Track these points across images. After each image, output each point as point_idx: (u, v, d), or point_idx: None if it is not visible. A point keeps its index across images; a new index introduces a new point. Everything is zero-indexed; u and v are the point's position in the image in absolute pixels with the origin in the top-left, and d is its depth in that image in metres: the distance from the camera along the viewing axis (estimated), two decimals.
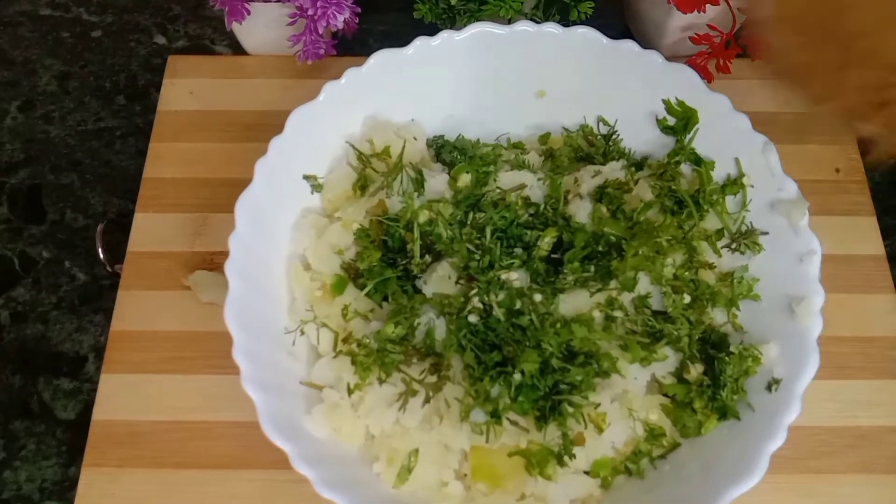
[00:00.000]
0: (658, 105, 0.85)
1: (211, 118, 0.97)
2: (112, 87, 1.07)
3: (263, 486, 0.77)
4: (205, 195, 0.92)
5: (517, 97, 0.88)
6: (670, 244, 0.79)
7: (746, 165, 0.82)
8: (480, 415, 0.72)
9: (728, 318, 0.79)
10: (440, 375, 0.74)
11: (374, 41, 1.09)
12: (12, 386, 0.88)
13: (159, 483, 0.78)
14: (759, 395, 0.72)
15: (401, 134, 0.86)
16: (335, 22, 0.89)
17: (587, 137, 0.88)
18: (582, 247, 0.78)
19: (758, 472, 0.66)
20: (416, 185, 0.81)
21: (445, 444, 0.72)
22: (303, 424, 0.72)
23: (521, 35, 0.84)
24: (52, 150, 1.02)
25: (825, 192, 0.92)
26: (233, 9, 0.92)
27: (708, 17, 0.91)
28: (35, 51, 1.09)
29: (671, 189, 0.82)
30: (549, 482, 0.73)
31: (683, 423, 0.74)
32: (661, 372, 0.75)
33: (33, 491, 0.82)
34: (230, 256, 0.73)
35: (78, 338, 0.90)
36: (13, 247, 0.96)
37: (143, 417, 0.80)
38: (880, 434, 0.80)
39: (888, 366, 0.84)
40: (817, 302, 0.73)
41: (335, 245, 0.80)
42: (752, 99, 0.91)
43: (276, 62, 1.01)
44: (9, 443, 0.85)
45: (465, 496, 0.72)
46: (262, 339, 0.74)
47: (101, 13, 1.13)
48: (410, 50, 0.83)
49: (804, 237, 0.76)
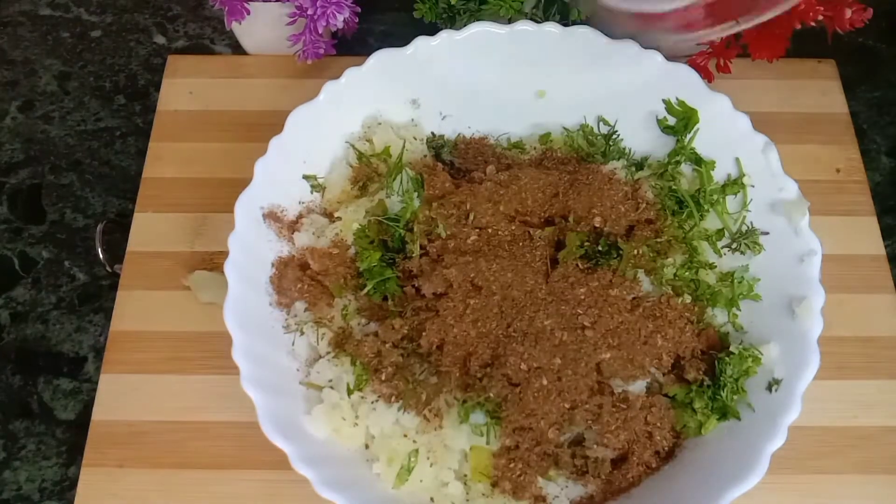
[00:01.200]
0: (658, 105, 0.85)
1: (210, 118, 0.97)
2: (112, 86, 1.07)
3: (263, 486, 0.77)
4: (204, 195, 0.92)
5: (517, 97, 0.88)
6: (670, 244, 0.80)
7: (747, 165, 0.82)
8: (480, 416, 0.72)
9: (728, 318, 0.79)
10: (440, 376, 0.74)
11: (373, 41, 1.09)
12: (12, 386, 0.88)
13: (159, 483, 0.77)
14: (760, 395, 0.72)
15: (401, 134, 0.86)
16: (335, 21, 0.89)
17: (587, 137, 0.88)
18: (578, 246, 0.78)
19: (758, 473, 0.66)
20: (416, 185, 0.81)
21: (445, 444, 0.72)
22: (302, 425, 0.72)
23: (521, 35, 0.84)
24: (52, 150, 1.02)
25: (825, 192, 0.92)
26: (232, 8, 0.92)
27: None
28: (35, 51, 1.09)
29: (671, 189, 0.83)
30: (550, 482, 0.73)
31: (684, 423, 0.74)
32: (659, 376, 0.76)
33: (33, 491, 0.82)
34: (230, 256, 0.73)
35: (78, 338, 0.90)
36: (13, 247, 0.96)
37: (143, 417, 0.80)
38: (880, 434, 0.80)
39: (888, 366, 0.84)
40: (817, 302, 0.73)
41: (335, 245, 0.80)
42: (752, 99, 0.91)
43: (275, 62, 1.01)
44: (9, 443, 0.85)
45: (465, 496, 0.72)
46: (262, 339, 0.74)
47: (101, 13, 1.13)
48: (410, 50, 0.83)
49: (804, 237, 0.76)
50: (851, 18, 0.82)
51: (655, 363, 0.75)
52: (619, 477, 0.72)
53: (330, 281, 0.79)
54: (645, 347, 0.74)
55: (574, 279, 0.77)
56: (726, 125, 0.82)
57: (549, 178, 0.82)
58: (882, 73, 1.08)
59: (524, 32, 0.84)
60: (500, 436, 0.72)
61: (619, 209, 0.80)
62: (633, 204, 0.81)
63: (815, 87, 1.00)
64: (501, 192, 0.80)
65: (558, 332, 0.74)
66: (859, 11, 0.82)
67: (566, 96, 0.88)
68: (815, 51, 1.01)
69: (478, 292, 0.75)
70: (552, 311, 0.75)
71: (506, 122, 0.89)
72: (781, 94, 0.99)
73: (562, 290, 0.76)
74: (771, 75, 0.99)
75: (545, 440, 0.72)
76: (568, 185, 0.82)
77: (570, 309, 0.75)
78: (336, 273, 0.79)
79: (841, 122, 0.98)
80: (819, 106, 0.99)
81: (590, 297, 0.76)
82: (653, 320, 0.75)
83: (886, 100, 1.06)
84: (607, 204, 0.80)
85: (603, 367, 0.74)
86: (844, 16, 0.82)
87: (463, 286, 0.75)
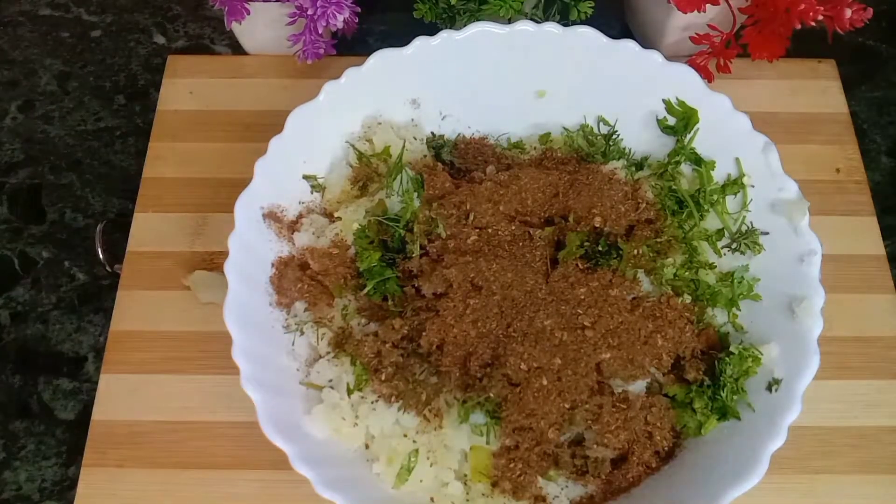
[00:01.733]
0: (658, 105, 0.85)
1: (210, 118, 0.97)
2: (112, 86, 1.07)
3: (263, 486, 0.77)
4: (204, 195, 0.92)
5: (517, 97, 0.88)
6: (670, 244, 0.80)
7: (747, 165, 0.82)
8: (480, 416, 0.72)
9: (729, 318, 0.79)
10: (440, 376, 0.74)
11: (373, 41, 1.09)
12: (12, 386, 0.88)
13: (159, 483, 0.77)
14: (760, 395, 0.72)
15: (401, 134, 0.86)
16: (335, 21, 0.89)
17: (587, 137, 0.88)
18: (578, 246, 0.78)
19: (758, 472, 0.66)
20: (416, 185, 0.81)
21: (445, 444, 0.72)
22: (302, 425, 0.72)
23: (521, 35, 0.84)
24: (52, 150, 1.02)
25: (825, 192, 0.92)
26: (232, 8, 0.92)
27: (708, 17, 0.91)
28: (35, 51, 1.09)
29: (671, 189, 0.82)
30: (550, 482, 0.73)
31: (684, 423, 0.74)
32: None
33: (33, 491, 0.82)
34: (230, 256, 0.73)
35: (78, 338, 0.90)
36: (13, 247, 0.96)
37: (143, 417, 0.80)
38: (880, 434, 0.80)
39: (888, 366, 0.84)
40: (818, 302, 0.73)
41: (335, 245, 0.80)
42: (752, 99, 0.91)
43: (275, 62, 1.01)
44: (9, 443, 0.85)
45: (465, 496, 0.72)
46: (262, 339, 0.74)
47: (101, 13, 1.13)
48: (410, 50, 0.83)
49: (804, 237, 0.76)
50: (851, 18, 0.82)
51: (655, 363, 0.75)
52: (619, 477, 0.72)
53: (330, 281, 0.79)
54: (645, 347, 0.74)
55: (574, 279, 0.77)
56: (726, 125, 0.82)
57: (549, 178, 0.82)
58: (882, 73, 1.08)
59: (524, 32, 0.84)
60: (500, 436, 0.72)
61: (619, 209, 0.80)
62: (633, 204, 0.81)
63: (815, 87, 1.00)
64: (501, 192, 0.80)
65: (558, 332, 0.74)
66: (859, 11, 0.82)
67: (566, 96, 0.88)
68: (815, 51, 1.01)
69: (478, 292, 0.75)
70: (552, 311, 0.75)
71: (506, 122, 0.89)
72: (781, 94, 0.99)
73: (562, 290, 0.76)
74: (771, 75, 0.99)
75: (545, 440, 0.72)
76: (568, 185, 0.82)
77: (570, 309, 0.75)
78: (336, 273, 0.79)
79: (841, 121, 0.98)
80: (819, 106, 0.99)
81: (590, 297, 0.76)
82: (653, 320, 0.75)
83: (886, 100, 1.06)
84: (607, 204, 0.80)
85: (603, 367, 0.74)
86: (844, 16, 0.82)
87: (463, 286, 0.75)
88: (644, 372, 0.75)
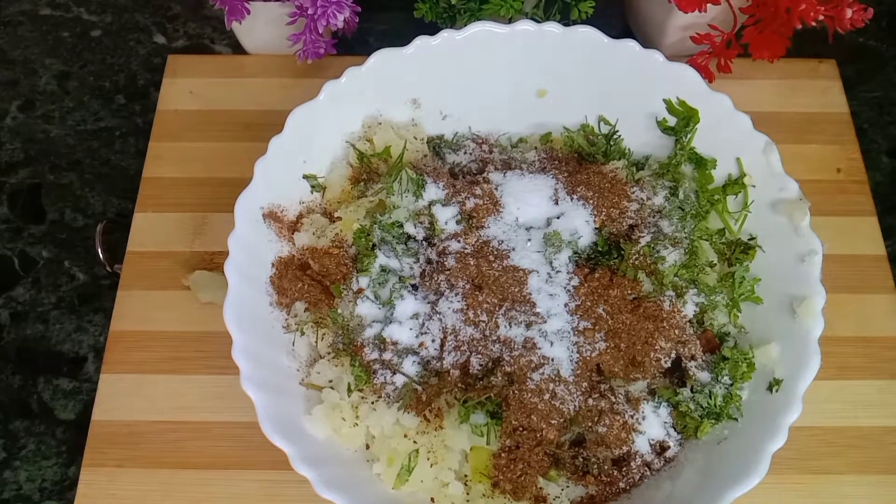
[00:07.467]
0: (659, 105, 0.85)
1: (210, 118, 0.97)
2: (112, 86, 1.07)
3: (263, 486, 0.77)
4: (204, 195, 0.92)
5: (517, 97, 0.88)
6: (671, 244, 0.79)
7: (748, 165, 0.82)
8: (480, 416, 0.72)
9: (729, 319, 0.79)
10: (440, 376, 0.74)
11: (374, 40, 1.09)
12: (12, 386, 0.88)
13: (159, 483, 0.77)
14: (760, 395, 0.72)
15: (401, 134, 0.86)
16: (335, 21, 0.89)
17: (588, 137, 0.88)
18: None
19: (759, 473, 0.66)
20: (416, 185, 0.81)
21: (446, 444, 0.72)
22: (303, 425, 0.72)
23: (521, 34, 0.84)
24: (52, 150, 1.02)
25: (826, 192, 0.92)
26: (233, 8, 0.91)
27: (709, 17, 0.91)
28: (35, 51, 1.09)
29: (672, 189, 0.82)
30: (550, 483, 0.73)
31: (683, 425, 0.74)
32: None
33: (33, 491, 0.82)
34: (230, 256, 0.73)
35: (77, 338, 0.90)
36: (13, 247, 0.96)
37: (142, 417, 0.80)
38: (881, 434, 0.80)
39: (889, 366, 0.84)
40: (818, 302, 0.73)
41: (335, 245, 0.80)
42: (753, 99, 0.91)
43: (275, 61, 1.01)
44: (9, 443, 0.85)
45: (465, 496, 0.72)
46: (262, 339, 0.74)
47: (101, 13, 1.13)
48: (410, 49, 0.83)
49: (805, 237, 0.76)
50: (852, 18, 0.82)
51: (655, 363, 0.75)
52: (619, 477, 0.72)
53: (330, 281, 0.79)
54: (645, 347, 0.74)
55: (575, 279, 0.76)
56: (727, 125, 0.82)
57: (549, 177, 0.82)
58: (882, 73, 1.08)
59: (525, 32, 0.84)
60: (500, 436, 0.72)
61: (620, 209, 0.80)
62: (633, 204, 0.81)
63: (815, 86, 1.00)
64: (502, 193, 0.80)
65: (559, 333, 0.74)
66: (860, 11, 0.82)
67: (566, 96, 0.88)
68: (816, 51, 1.01)
69: (478, 292, 0.75)
70: (553, 312, 0.75)
71: (506, 122, 0.89)
72: (782, 94, 0.99)
73: (562, 290, 0.76)
74: (772, 75, 0.99)
75: (545, 441, 0.71)
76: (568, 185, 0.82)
77: (570, 309, 0.75)
78: (336, 273, 0.79)
79: (841, 121, 0.98)
80: (820, 106, 0.99)
81: (590, 297, 0.76)
82: (653, 320, 0.75)
83: (886, 100, 1.06)
84: (607, 204, 0.80)
85: (603, 367, 0.74)
86: (845, 16, 0.82)
87: (463, 286, 0.75)
88: (644, 372, 0.75)
